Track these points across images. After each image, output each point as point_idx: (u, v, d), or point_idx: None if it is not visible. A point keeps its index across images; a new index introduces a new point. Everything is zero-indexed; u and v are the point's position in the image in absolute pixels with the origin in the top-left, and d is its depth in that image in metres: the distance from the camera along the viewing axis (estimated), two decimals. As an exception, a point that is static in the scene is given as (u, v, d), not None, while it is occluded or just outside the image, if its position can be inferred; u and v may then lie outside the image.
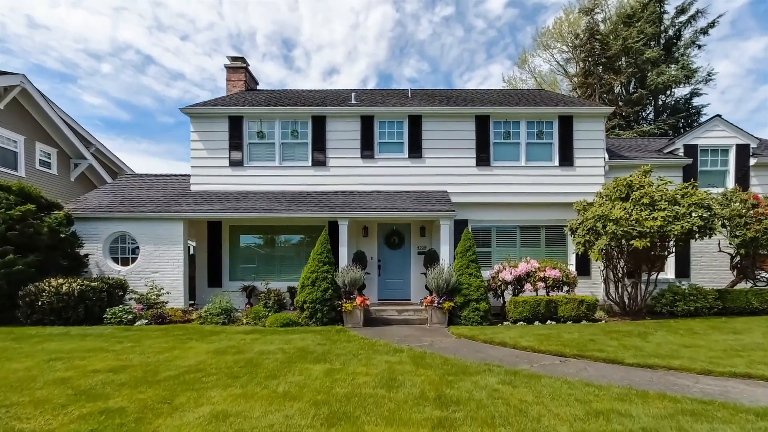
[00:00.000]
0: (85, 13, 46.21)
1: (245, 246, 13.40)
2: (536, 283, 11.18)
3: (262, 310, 10.78)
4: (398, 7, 47.47)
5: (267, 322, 10.17)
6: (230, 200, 12.17)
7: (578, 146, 12.79)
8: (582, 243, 11.38)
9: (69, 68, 51.17)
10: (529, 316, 10.72)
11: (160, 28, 50.90)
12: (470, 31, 48.97)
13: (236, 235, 13.30)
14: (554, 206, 12.96)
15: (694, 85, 27.20)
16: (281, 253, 13.47)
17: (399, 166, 12.85)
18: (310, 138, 12.84)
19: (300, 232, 13.39)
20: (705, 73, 27.33)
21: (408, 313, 11.31)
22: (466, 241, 11.14)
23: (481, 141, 12.81)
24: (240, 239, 13.34)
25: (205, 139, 12.80)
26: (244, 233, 13.36)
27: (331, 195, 12.54)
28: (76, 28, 46.90)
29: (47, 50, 48.16)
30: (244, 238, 13.38)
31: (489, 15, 47.37)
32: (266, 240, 13.53)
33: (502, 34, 48.28)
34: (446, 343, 8.29)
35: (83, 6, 45.98)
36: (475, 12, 47.38)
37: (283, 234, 13.46)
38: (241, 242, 13.35)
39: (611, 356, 6.76)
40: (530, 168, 12.84)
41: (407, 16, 48.13)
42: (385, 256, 13.18)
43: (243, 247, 13.37)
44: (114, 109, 56.04)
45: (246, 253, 13.40)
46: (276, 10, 48.26)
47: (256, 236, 13.48)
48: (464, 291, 10.64)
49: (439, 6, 47.69)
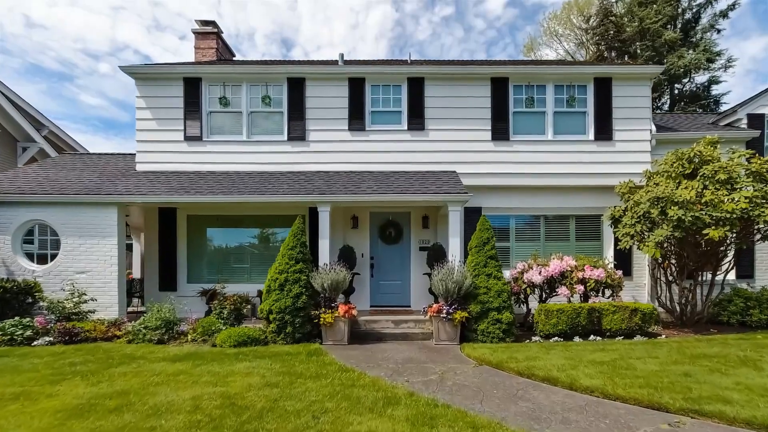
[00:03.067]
0: (84, 12, 43.98)
1: (207, 240, 10.51)
2: (574, 286, 8.28)
3: (216, 323, 7.88)
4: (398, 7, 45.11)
5: (218, 339, 7.27)
6: (183, 182, 9.28)
7: (619, 115, 9.92)
8: (630, 235, 8.51)
9: (67, 68, 48.65)
10: (566, 330, 7.84)
11: (159, 28, 48.39)
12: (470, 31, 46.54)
13: (196, 227, 10.41)
14: (587, 190, 10.08)
15: (713, 72, 24.40)
16: (253, 249, 10.58)
17: (396, 141, 9.97)
18: (286, 106, 9.97)
19: (275, 223, 10.49)
20: (725, 59, 24.60)
21: (407, 325, 8.43)
22: (484, 232, 8.25)
23: (498, 109, 9.94)
24: (201, 232, 10.45)
25: (155, 106, 9.91)
26: (207, 225, 10.47)
27: (311, 176, 9.66)
28: (74, 27, 44.50)
29: (45, 50, 45.86)
30: (206, 231, 10.50)
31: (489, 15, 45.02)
32: (234, 234, 10.63)
33: (501, 34, 45.87)
34: (464, 377, 5.41)
35: (81, 5, 43.66)
36: (475, 12, 45.05)
37: (254, 226, 10.56)
38: (202, 236, 10.46)
39: (749, 414, 3.88)
40: (558, 143, 9.97)
41: (407, 16, 45.79)
42: (379, 253, 10.31)
43: (204, 242, 10.48)
44: (112, 110, 53.33)
45: (208, 249, 10.50)
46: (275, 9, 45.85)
47: (221, 228, 10.59)
48: (481, 297, 7.76)
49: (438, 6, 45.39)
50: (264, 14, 46.83)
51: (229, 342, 7.11)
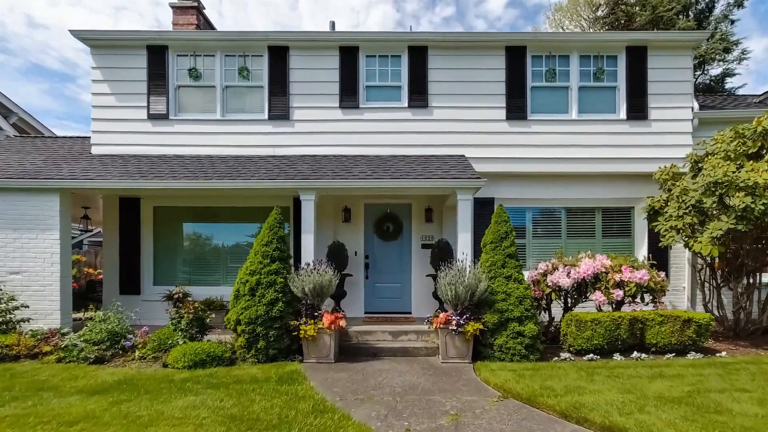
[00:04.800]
0: (85, 12, 42.93)
1: (178, 236, 8.92)
2: (610, 291, 6.68)
3: (173, 335, 6.29)
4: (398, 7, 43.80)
5: (170, 357, 5.66)
6: (143, 166, 7.70)
7: (655, 91, 8.33)
8: (677, 229, 6.92)
9: (68, 67, 47.49)
10: (603, 345, 6.24)
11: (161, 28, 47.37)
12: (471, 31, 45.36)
13: (165, 220, 8.83)
14: (617, 178, 8.49)
15: (728, 64, 22.84)
16: (231, 247, 8.99)
17: (395, 120, 8.39)
18: (267, 79, 8.39)
19: (257, 217, 8.87)
20: (739, 50, 23.05)
21: (408, 338, 6.84)
22: (501, 225, 6.66)
23: (514, 84, 8.36)
24: (170, 227, 8.87)
25: (114, 79, 8.34)
26: (178, 218, 8.88)
27: (295, 160, 8.08)
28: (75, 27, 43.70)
29: (47, 49, 44.81)
30: (177, 225, 8.92)
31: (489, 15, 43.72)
32: (209, 229, 9.04)
33: (502, 34, 44.77)
34: (488, 420, 3.81)
35: (83, 5, 42.56)
36: (476, 12, 43.76)
37: (232, 221, 8.96)
38: (172, 231, 8.88)
39: None
40: (584, 123, 8.38)
41: (407, 16, 44.50)
42: (375, 251, 8.73)
43: (175, 238, 8.89)
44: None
45: (180, 246, 8.91)
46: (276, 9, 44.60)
47: (194, 223, 9.01)
48: (499, 305, 6.16)
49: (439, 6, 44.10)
50: (264, 14, 45.62)
51: (183, 361, 5.52)
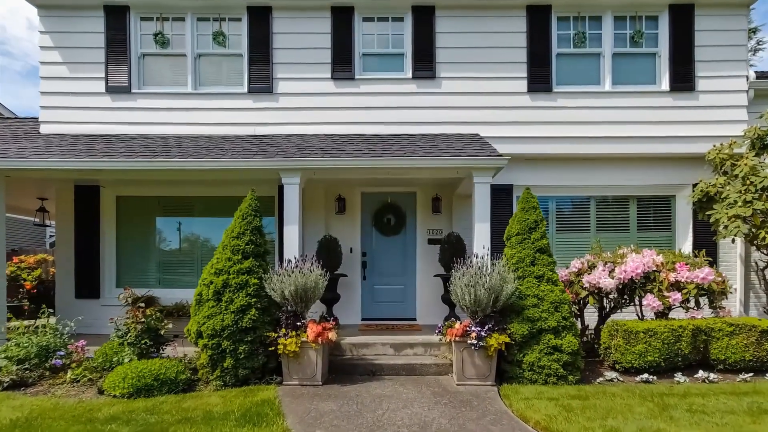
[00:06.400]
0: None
1: (146, 231, 7.59)
2: (665, 294, 5.31)
3: (120, 351, 4.95)
4: None
5: (105, 383, 4.31)
6: (97, 146, 6.36)
7: (703, 57, 6.98)
8: (743, 218, 5.57)
9: (70, 69, 47.35)
10: (660, 362, 4.91)
11: (162, 28, 47.03)
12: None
13: (130, 212, 7.49)
14: (655, 161, 7.14)
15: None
16: (207, 244, 7.65)
17: (397, 94, 7.04)
18: (247, 46, 7.05)
19: (235, 208, 7.54)
20: (754, 41, 21.72)
21: (414, 351, 5.50)
22: (529, 212, 5.31)
23: (536, 50, 7.01)
24: (137, 220, 7.53)
25: (66, 45, 7.00)
26: (145, 210, 7.54)
27: (279, 140, 6.74)
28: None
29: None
30: (145, 218, 7.59)
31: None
32: (183, 223, 7.71)
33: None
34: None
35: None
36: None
37: (207, 214, 7.62)
38: (139, 225, 7.55)
39: None
40: (619, 96, 7.03)
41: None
42: (373, 247, 7.39)
43: (142, 233, 7.55)
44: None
45: (146, 242, 7.57)
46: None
47: (164, 217, 7.67)
48: (529, 312, 4.83)
49: None
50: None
51: (122, 387, 4.17)
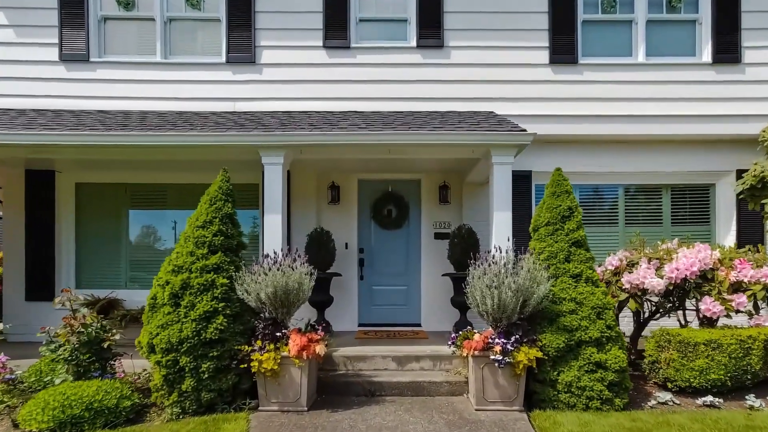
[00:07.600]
0: None
1: (111, 224, 6.56)
2: (726, 297, 4.35)
3: (57, 369, 3.93)
4: None
5: (20, 413, 3.29)
6: (43, 120, 5.34)
7: (750, 24, 6.05)
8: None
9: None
10: (726, 380, 3.95)
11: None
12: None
13: (91, 201, 6.47)
14: (693, 144, 6.20)
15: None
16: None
17: (399, 65, 6.06)
18: (225, 8, 6.05)
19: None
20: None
21: (420, 365, 4.51)
22: (561, 198, 4.33)
23: (559, 16, 6.06)
24: (100, 211, 6.51)
25: (13, 5, 5.99)
26: (108, 199, 6.51)
27: (262, 117, 5.74)
28: None
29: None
30: (110, 209, 6.56)
31: None
32: (153, 215, 6.69)
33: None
34: None
35: None
36: None
37: (182, 205, 6.56)
38: (102, 217, 6.52)
39: None
40: (654, 68, 6.08)
41: None
42: (372, 243, 6.41)
43: (106, 226, 6.53)
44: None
45: (112, 236, 6.54)
46: None
47: (134, 209, 6.64)
48: (565, 319, 3.86)
49: None
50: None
51: (40, 420, 3.16)
